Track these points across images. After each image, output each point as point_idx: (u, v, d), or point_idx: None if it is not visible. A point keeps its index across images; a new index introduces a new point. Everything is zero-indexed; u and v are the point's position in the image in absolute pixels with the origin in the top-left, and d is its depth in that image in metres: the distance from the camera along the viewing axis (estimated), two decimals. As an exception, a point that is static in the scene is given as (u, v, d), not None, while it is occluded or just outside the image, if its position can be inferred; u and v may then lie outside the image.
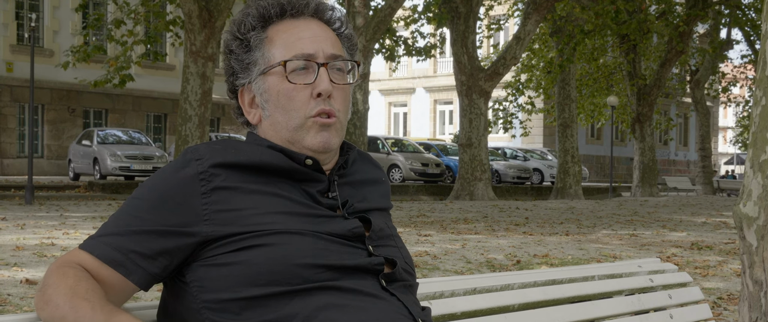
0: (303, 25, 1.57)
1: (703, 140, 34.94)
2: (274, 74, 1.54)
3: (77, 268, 1.41)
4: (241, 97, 1.60)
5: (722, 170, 58.28)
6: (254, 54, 1.56)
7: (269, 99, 1.55)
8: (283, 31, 1.56)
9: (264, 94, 1.55)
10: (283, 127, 1.54)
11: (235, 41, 1.57)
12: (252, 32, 1.56)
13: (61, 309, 1.34)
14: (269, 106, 1.55)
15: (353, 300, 1.43)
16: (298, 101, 1.53)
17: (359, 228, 1.52)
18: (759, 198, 3.06)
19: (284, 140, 1.55)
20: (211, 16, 15.04)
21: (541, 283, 2.17)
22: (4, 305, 4.99)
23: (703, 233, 11.71)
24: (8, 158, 26.42)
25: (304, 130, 1.53)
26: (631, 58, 28.26)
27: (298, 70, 1.54)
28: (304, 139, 1.53)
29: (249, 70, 1.56)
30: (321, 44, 1.55)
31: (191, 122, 15.18)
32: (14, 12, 26.48)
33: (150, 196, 1.46)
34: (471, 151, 21.59)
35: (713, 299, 5.98)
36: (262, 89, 1.56)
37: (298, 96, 1.53)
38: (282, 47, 1.54)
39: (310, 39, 1.55)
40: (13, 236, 8.85)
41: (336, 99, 1.55)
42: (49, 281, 1.39)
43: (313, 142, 1.53)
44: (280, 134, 1.55)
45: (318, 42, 1.55)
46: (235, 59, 1.58)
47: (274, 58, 1.54)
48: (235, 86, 1.60)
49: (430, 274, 6.77)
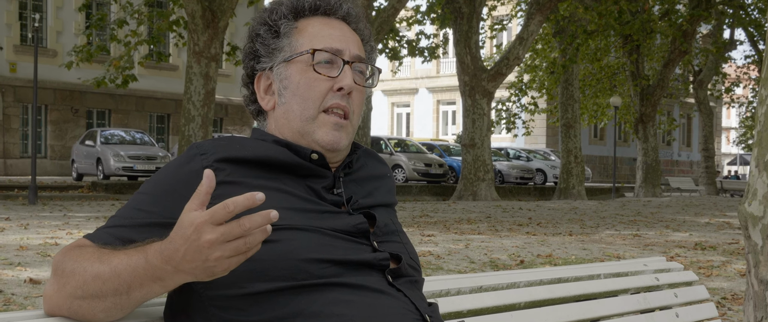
0: (334, 24, 1.61)
1: (706, 141, 34.90)
2: (298, 62, 1.56)
3: (90, 244, 1.40)
4: (258, 82, 1.61)
5: (725, 171, 58.25)
6: (282, 41, 1.58)
7: (288, 86, 1.57)
8: (313, 24, 1.60)
9: (284, 80, 1.57)
10: (297, 116, 1.56)
11: (264, 26, 1.60)
12: (283, 20, 1.59)
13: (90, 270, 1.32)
14: (287, 94, 1.57)
15: (360, 296, 1.42)
16: (317, 92, 1.55)
17: (364, 224, 1.52)
18: (764, 197, 3.05)
19: (294, 131, 1.56)
20: (214, 16, 15.05)
21: (547, 281, 2.16)
22: (8, 305, 5.00)
23: (706, 234, 11.69)
24: (12, 159, 26.45)
25: (317, 124, 1.55)
26: (634, 58, 28.24)
27: (323, 62, 1.56)
28: (315, 132, 1.55)
29: (273, 55, 1.59)
30: (348, 44, 1.59)
31: (194, 122, 15.19)
32: (17, 12, 26.50)
33: (155, 190, 1.46)
34: (474, 152, 21.58)
35: (717, 299, 5.97)
36: (283, 76, 1.57)
37: (318, 87, 1.55)
38: (311, 38, 1.57)
39: (339, 37, 1.59)
40: (17, 235, 8.86)
41: (354, 99, 1.58)
42: (64, 259, 1.36)
43: (323, 138, 1.54)
44: (291, 124, 1.56)
45: (346, 41, 1.59)
46: (261, 43, 1.60)
47: (302, 47, 1.57)
48: (254, 70, 1.62)
49: (433, 274, 6.76)
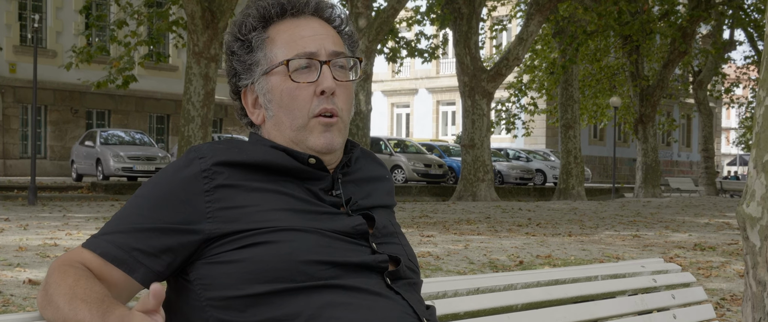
0: (304, 24, 1.56)
1: (706, 141, 34.89)
2: (276, 74, 1.54)
3: (78, 267, 1.40)
4: (245, 98, 1.59)
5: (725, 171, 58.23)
6: (256, 54, 1.55)
7: (272, 99, 1.55)
8: (284, 30, 1.55)
9: (267, 94, 1.55)
10: (287, 127, 1.54)
11: (237, 42, 1.57)
12: (253, 33, 1.55)
13: (61, 311, 1.34)
14: (273, 106, 1.55)
15: (358, 298, 1.43)
16: (302, 100, 1.53)
17: (363, 225, 1.52)
18: (762, 198, 3.05)
19: (288, 140, 1.54)
20: (214, 17, 15.05)
21: (545, 283, 2.16)
22: (7, 306, 5.00)
23: (706, 234, 11.69)
24: (11, 159, 26.45)
25: (308, 130, 1.53)
26: (634, 59, 28.24)
27: (300, 68, 1.53)
28: (307, 139, 1.53)
29: (251, 70, 1.56)
30: (323, 42, 1.55)
31: (194, 123, 15.19)
32: (17, 13, 26.50)
33: (153, 194, 1.46)
34: (474, 152, 21.58)
35: (716, 299, 5.97)
36: (265, 89, 1.55)
37: (301, 95, 1.53)
38: (284, 46, 1.54)
39: (311, 37, 1.55)
40: (16, 236, 8.86)
41: (339, 97, 1.55)
42: (51, 280, 1.38)
43: (316, 143, 1.53)
44: (284, 134, 1.55)
45: (319, 40, 1.55)
46: (238, 60, 1.57)
47: (277, 58, 1.54)
48: (238, 87, 1.59)
49: (432, 275, 6.76)
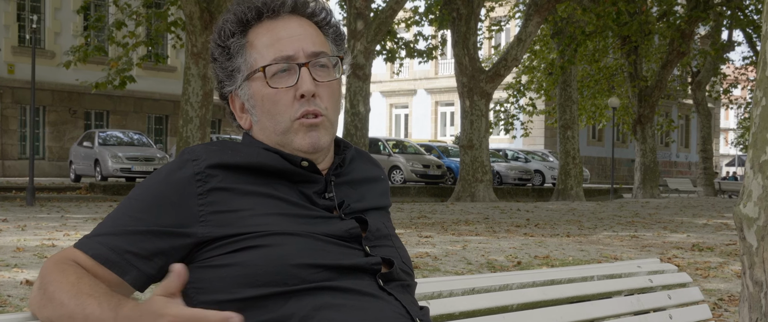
0: (281, 26, 1.53)
1: (704, 142, 34.92)
2: (256, 80, 1.52)
3: (75, 265, 1.40)
4: (232, 103, 1.58)
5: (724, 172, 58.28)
6: (236, 61, 1.53)
7: (256, 104, 1.53)
8: (262, 33, 1.53)
9: (250, 99, 1.54)
10: (272, 131, 1.53)
11: (218, 49, 1.55)
12: (232, 39, 1.53)
13: (66, 307, 1.33)
14: (257, 112, 1.54)
15: (350, 300, 1.42)
16: (283, 105, 1.51)
17: (356, 229, 1.51)
18: (759, 199, 3.05)
19: (275, 143, 1.54)
20: (212, 17, 15.05)
21: (540, 283, 2.16)
22: (4, 306, 4.99)
23: (704, 235, 11.69)
24: (9, 160, 26.44)
25: (292, 133, 1.51)
26: (633, 59, 28.26)
27: (279, 73, 1.51)
28: (293, 141, 1.52)
29: (233, 77, 1.55)
30: (300, 43, 1.52)
31: (192, 124, 15.20)
32: (15, 13, 26.51)
33: (146, 196, 1.45)
34: (472, 153, 21.58)
35: (714, 300, 5.97)
36: (248, 95, 1.54)
37: (282, 100, 1.51)
38: (262, 51, 1.52)
39: (288, 39, 1.52)
40: (14, 237, 8.86)
41: (322, 97, 1.52)
42: (48, 279, 1.37)
43: (302, 144, 1.51)
44: (271, 138, 1.54)
45: (297, 41, 1.52)
46: (219, 67, 1.56)
47: (256, 63, 1.52)
48: (224, 94, 1.58)
49: (430, 275, 6.77)
